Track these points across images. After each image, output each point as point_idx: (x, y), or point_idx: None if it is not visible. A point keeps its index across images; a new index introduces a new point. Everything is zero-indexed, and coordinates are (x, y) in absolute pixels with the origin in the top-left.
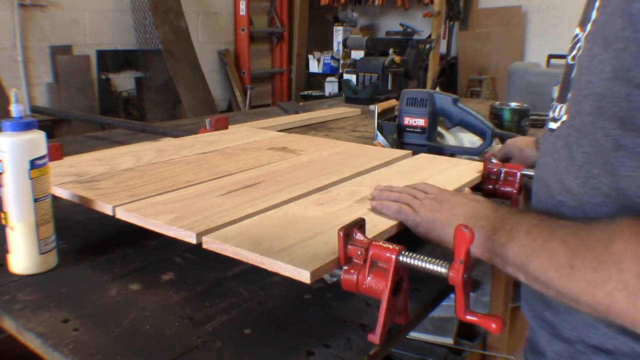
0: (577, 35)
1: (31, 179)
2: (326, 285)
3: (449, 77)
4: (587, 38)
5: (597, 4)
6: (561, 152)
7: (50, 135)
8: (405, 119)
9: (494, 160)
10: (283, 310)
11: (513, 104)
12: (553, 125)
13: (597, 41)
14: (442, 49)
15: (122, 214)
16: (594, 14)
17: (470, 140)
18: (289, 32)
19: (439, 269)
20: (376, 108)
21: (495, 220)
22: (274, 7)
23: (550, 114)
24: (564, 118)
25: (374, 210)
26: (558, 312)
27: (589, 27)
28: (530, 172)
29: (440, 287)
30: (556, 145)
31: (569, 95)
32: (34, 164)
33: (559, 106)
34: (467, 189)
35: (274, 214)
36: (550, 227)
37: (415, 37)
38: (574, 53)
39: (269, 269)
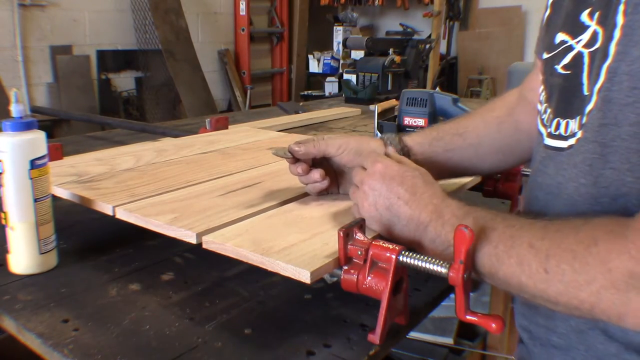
0: (565, 42)
1: (31, 179)
2: (326, 285)
3: (449, 77)
4: (618, 43)
5: (620, 8)
6: (572, 170)
7: (50, 135)
8: (405, 119)
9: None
10: (283, 310)
11: None
12: (557, 142)
13: (635, 44)
14: (442, 49)
15: (122, 214)
16: (619, 19)
17: None
18: (289, 32)
19: (439, 268)
20: (376, 108)
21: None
22: (274, 7)
23: (549, 130)
24: (580, 134)
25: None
26: (568, 337)
27: (617, 33)
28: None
29: (440, 287)
30: (569, 164)
31: (587, 109)
32: (34, 164)
33: (564, 121)
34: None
35: (274, 214)
36: (509, 229)
37: (415, 37)
38: (565, 62)
39: (269, 269)
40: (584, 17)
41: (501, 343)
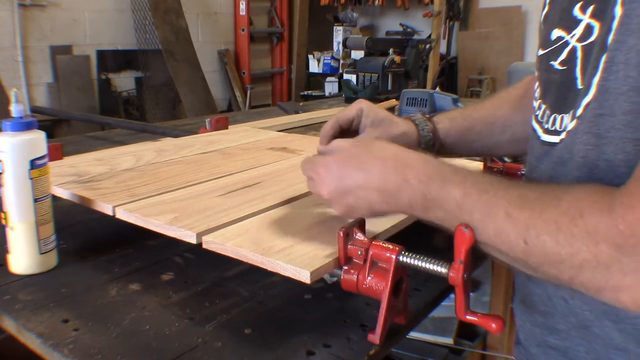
0: (561, 38)
1: (31, 179)
2: (326, 285)
3: (449, 77)
4: (616, 33)
5: (619, 0)
6: (566, 164)
7: (50, 135)
8: None
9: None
10: (283, 310)
11: None
12: (553, 138)
13: (631, 33)
14: (442, 49)
15: (122, 214)
16: (618, 10)
17: None
18: (289, 32)
19: (439, 269)
20: None
21: (422, 190)
22: (274, 7)
23: (545, 126)
24: (570, 127)
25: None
26: (567, 335)
27: (614, 25)
28: None
29: (440, 287)
30: (562, 158)
31: (583, 101)
32: (34, 164)
33: (559, 117)
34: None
35: (274, 213)
36: (483, 195)
37: (415, 37)
38: (561, 58)
39: (269, 269)
40: (576, 11)
41: (501, 343)
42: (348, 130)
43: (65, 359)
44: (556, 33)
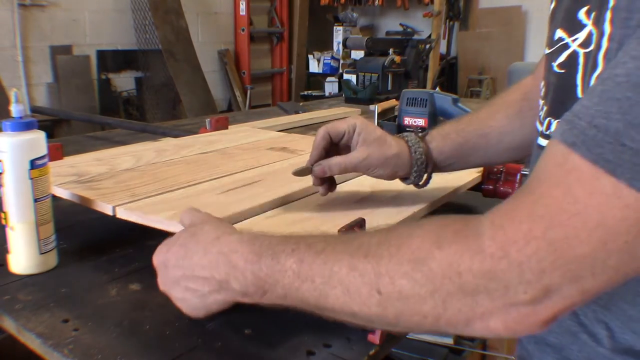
0: (562, 39)
1: (31, 179)
2: None
3: (449, 77)
4: (606, 57)
5: (607, 16)
6: None
7: (50, 135)
8: (405, 119)
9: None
10: (283, 310)
11: None
12: (545, 142)
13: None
14: (442, 49)
15: (122, 213)
16: (607, 27)
17: None
18: (289, 32)
19: None
20: (376, 108)
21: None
22: (274, 7)
23: (541, 128)
24: None
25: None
26: (562, 336)
27: (604, 42)
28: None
29: None
30: None
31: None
32: (34, 164)
33: (555, 122)
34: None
35: (274, 213)
36: (319, 256)
37: (415, 37)
38: (560, 60)
39: None
40: (581, 15)
41: (501, 343)
42: (339, 144)
43: (65, 359)
44: (558, 33)
